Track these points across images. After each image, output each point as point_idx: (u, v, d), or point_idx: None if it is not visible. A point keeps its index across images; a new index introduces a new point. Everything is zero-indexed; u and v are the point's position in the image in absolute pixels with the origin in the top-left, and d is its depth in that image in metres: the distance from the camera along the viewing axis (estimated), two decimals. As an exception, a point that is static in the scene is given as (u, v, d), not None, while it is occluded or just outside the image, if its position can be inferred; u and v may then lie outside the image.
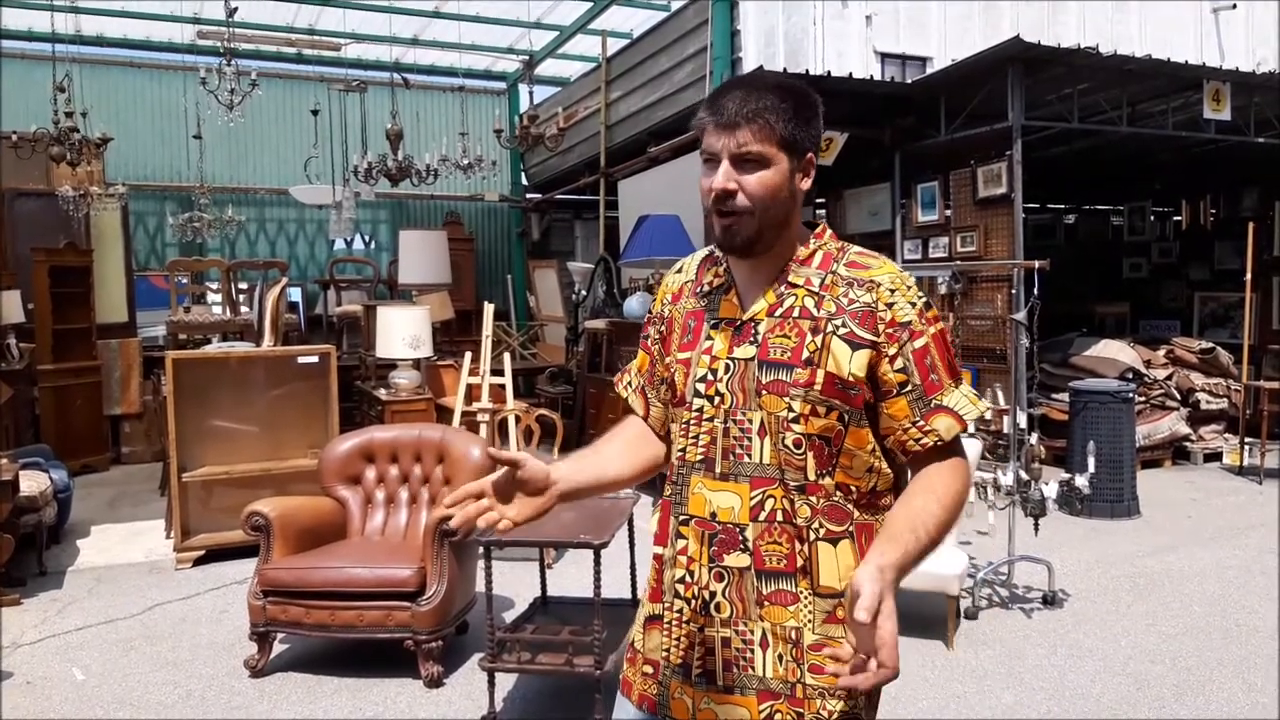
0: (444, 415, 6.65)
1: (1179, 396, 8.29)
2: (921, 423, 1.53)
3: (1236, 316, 9.63)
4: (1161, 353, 8.62)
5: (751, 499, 1.55)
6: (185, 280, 10.13)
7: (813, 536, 1.53)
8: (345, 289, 10.94)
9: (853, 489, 1.56)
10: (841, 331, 1.52)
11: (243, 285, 9.85)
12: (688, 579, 1.60)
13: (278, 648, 4.21)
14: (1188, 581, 5.06)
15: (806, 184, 1.58)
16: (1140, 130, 7.63)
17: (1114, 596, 4.83)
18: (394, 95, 8.22)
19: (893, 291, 1.54)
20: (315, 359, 6.01)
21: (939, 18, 8.77)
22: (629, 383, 1.84)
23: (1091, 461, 4.63)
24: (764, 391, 1.53)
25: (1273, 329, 9.42)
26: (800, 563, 1.53)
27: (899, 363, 1.52)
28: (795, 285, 1.57)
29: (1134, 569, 5.28)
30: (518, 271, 12.06)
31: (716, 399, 1.58)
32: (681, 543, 1.61)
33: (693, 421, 1.60)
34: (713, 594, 1.58)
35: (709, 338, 1.60)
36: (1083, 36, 8.62)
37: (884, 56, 8.61)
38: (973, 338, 7.78)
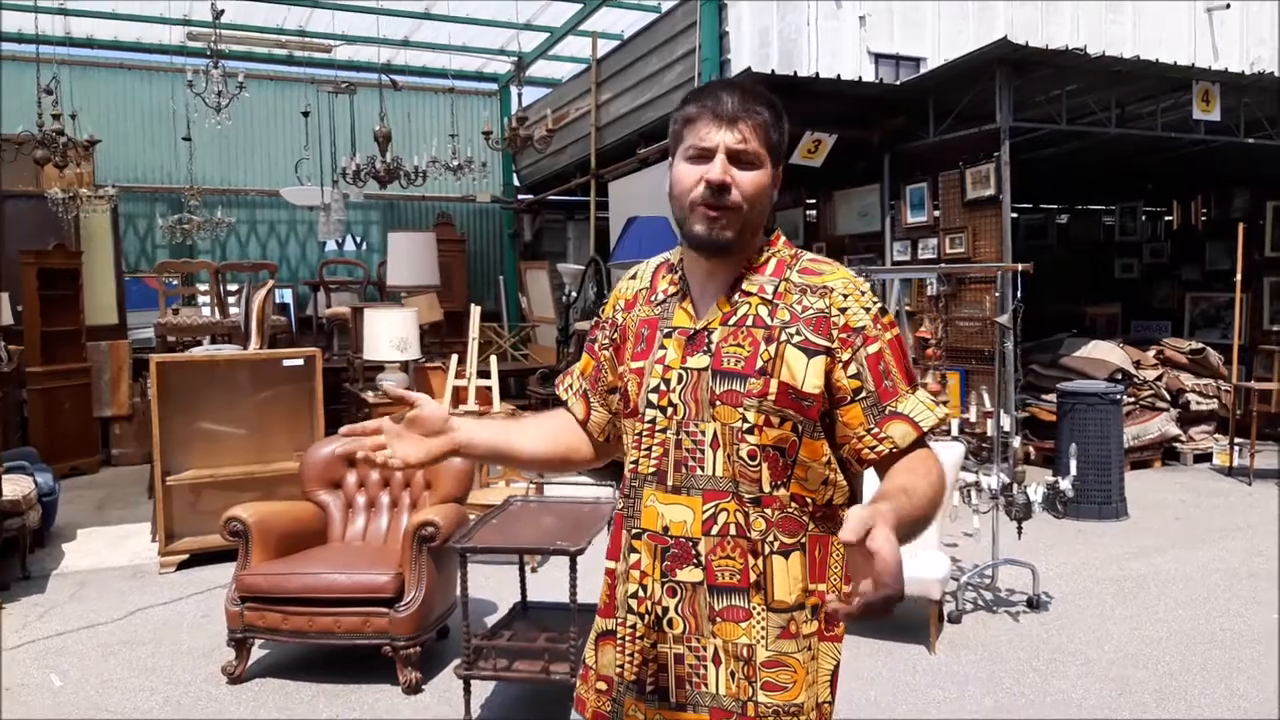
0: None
1: (1169, 397, 8.28)
2: (876, 430, 1.51)
3: (1227, 317, 9.63)
4: (1151, 353, 8.62)
5: (704, 512, 1.52)
6: (176, 282, 10.11)
7: (767, 550, 1.51)
8: (335, 291, 10.92)
9: (808, 501, 1.54)
10: (796, 339, 1.50)
11: (233, 287, 9.83)
12: (640, 594, 1.58)
13: (257, 653, 4.20)
14: (1173, 584, 5.05)
15: (776, 194, 1.59)
16: (1129, 131, 7.61)
17: (1099, 600, 4.82)
18: (381, 97, 8.20)
19: (845, 297, 1.52)
20: (301, 362, 5.98)
21: (933, 18, 8.76)
22: (570, 385, 1.80)
23: (1073, 464, 4.62)
24: (718, 402, 1.51)
25: (1263, 329, 9.42)
26: (754, 577, 1.51)
27: (852, 369, 1.50)
28: (749, 293, 1.55)
29: (1120, 572, 5.27)
30: (510, 273, 12.03)
31: (669, 410, 1.55)
32: (634, 557, 1.59)
33: (645, 433, 1.58)
34: (665, 610, 1.56)
35: (662, 347, 1.58)
36: (1076, 37, 8.61)
37: (878, 57, 8.59)
38: (961, 339, 7.77)
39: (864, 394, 1.51)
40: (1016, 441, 4.73)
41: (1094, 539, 5.94)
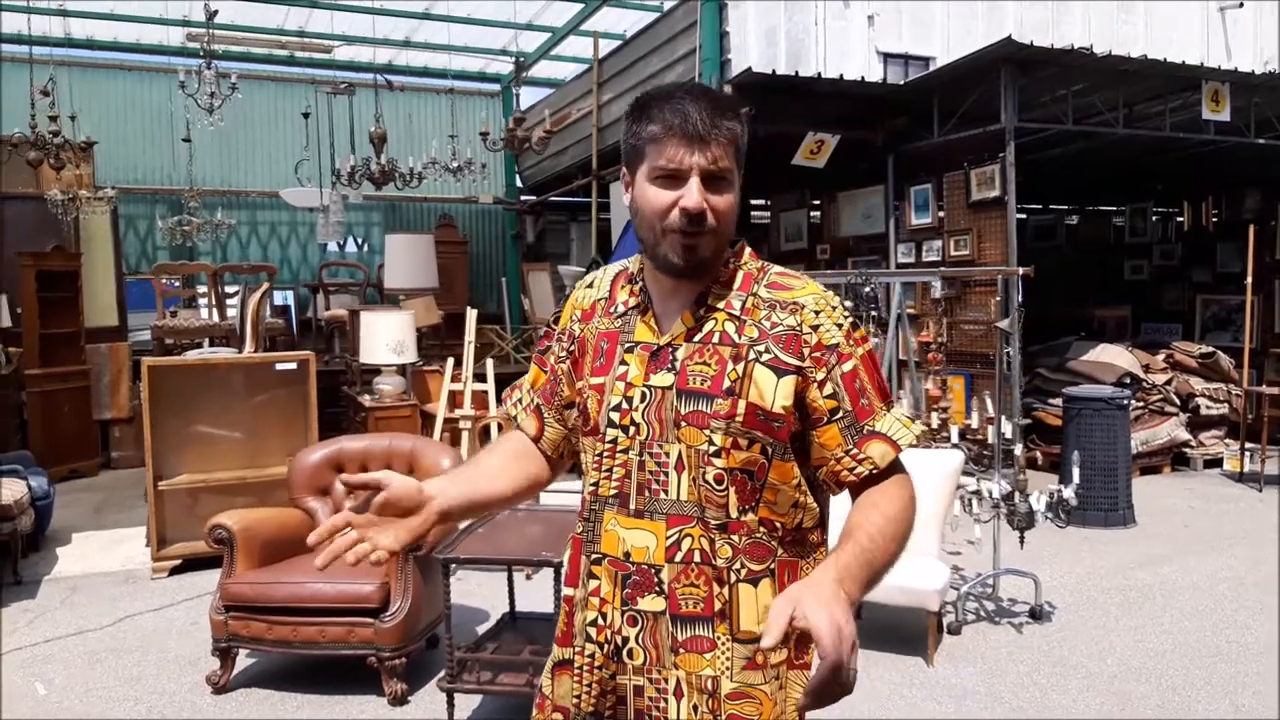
0: (430, 421, 6.58)
1: (1178, 401, 8.16)
2: (855, 450, 1.44)
3: (1239, 320, 9.49)
4: (1161, 357, 8.49)
5: (668, 538, 1.44)
6: (177, 284, 10.08)
7: (733, 578, 1.44)
8: (335, 293, 10.87)
9: (777, 525, 1.46)
10: (765, 358, 1.42)
11: (232, 289, 9.79)
12: (600, 622, 1.50)
13: (243, 663, 4.13)
14: (1180, 594, 4.95)
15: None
16: (1137, 131, 7.50)
17: (1103, 610, 4.72)
18: (377, 98, 8.15)
19: (817, 313, 1.44)
20: (294, 366, 5.92)
21: (942, 18, 8.64)
22: (519, 399, 1.71)
23: (1076, 472, 4.52)
24: (683, 423, 1.43)
25: (1275, 333, 9.28)
26: (719, 606, 1.44)
27: (828, 388, 1.43)
28: (715, 308, 1.47)
29: (1125, 581, 5.17)
30: (512, 274, 11.97)
31: (631, 429, 1.47)
32: (594, 583, 1.51)
33: (606, 453, 1.49)
34: (625, 639, 1.48)
35: (623, 363, 1.49)
36: (1088, 37, 8.48)
37: (887, 57, 8.48)
38: (965, 343, 7.68)
39: (841, 414, 1.44)
40: (1018, 448, 4.63)
41: (1100, 547, 5.84)
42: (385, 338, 6.41)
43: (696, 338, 1.46)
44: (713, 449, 1.42)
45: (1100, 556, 5.63)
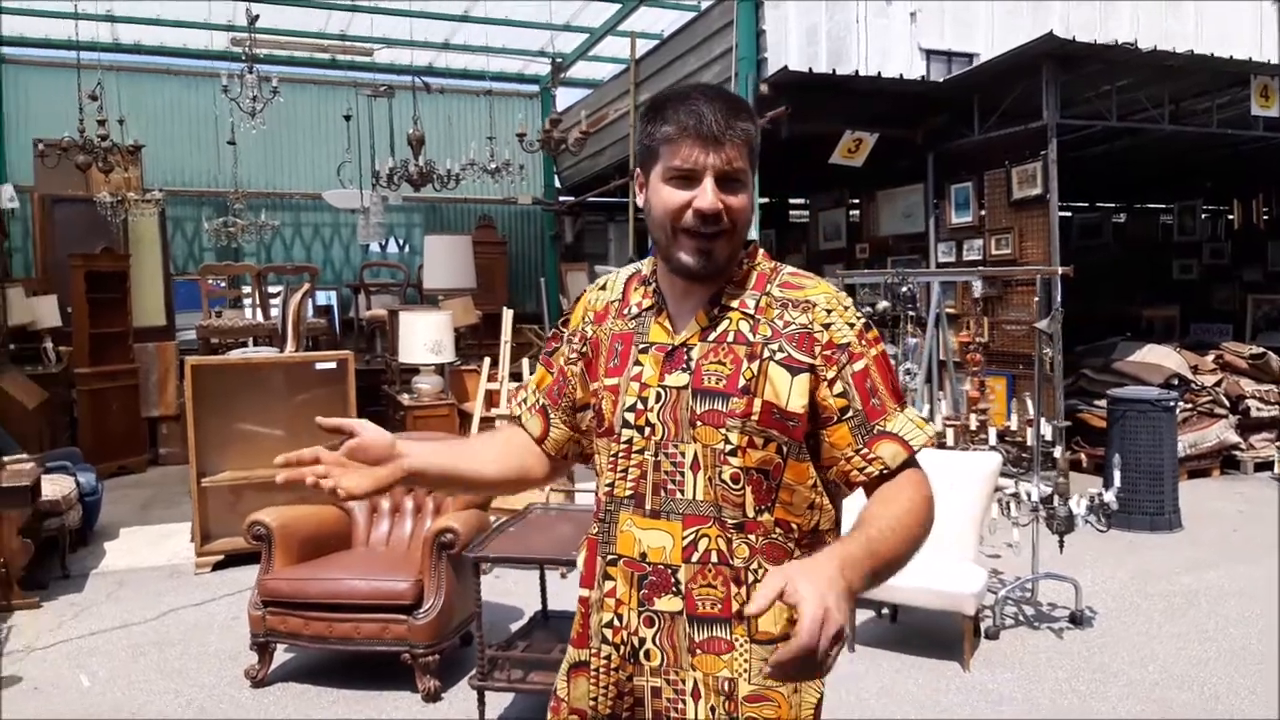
0: (467, 420, 6.63)
1: (1228, 403, 7.98)
2: (865, 450, 1.43)
3: (1291, 320, 9.28)
4: (1210, 358, 8.30)
5: (684, 538, 1.45)
6: (222, 284, 10.25)
7: (750, 579, 1.43)
8: (376, 293, 10.98)
9: (794, 526, 1.46)
10: (779, 356, 1.42)
11: (276, 289, 9.93)
12: (616, 623, 1.50)
13: (281, 657, 4.20)
14: (1226, 600, 4.84)
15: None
16: (1184, 128, 7.35)
17: (1146, 616, 4.63)
18: (415, 100, 8.22)
19: (829, 312, 1.44)
20: (334, 365, 5.99)
21: (986, 14, 8.53)
22: (525, 400, 1.71)
23: (1118, 475, 4.44)
24: (699, 422, 1.43)
25: (1328, 333, 9.05)
26: (736, 607, 1.43)
27: (838, 387, 1.42)
28: (729, 308, 1.47)
29: (1169, 586, 5.07)
30: (550, 274, 12.01)
31: (647, 430, 1.47)
32: (609, 584, 1.51)
33: (621, 454, 1.50)
34: (642, 640, 1.48)
35: (638, 363, 1.50)
36: (1136, 34, 8.34)
37: (929, 54, 8.39)
38: (1007, 343, 7.57)
39: (851, 413, 1.43)
40: (1058, 451, 4.56)
41: (1144, 551, 5.73)
42: (423, 337, 6.47)
43: (711, 337, 1.46)
44: (729, 448, 1.42)
45: (1144, 561, 5.53)
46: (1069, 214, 12.57)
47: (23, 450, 5.97)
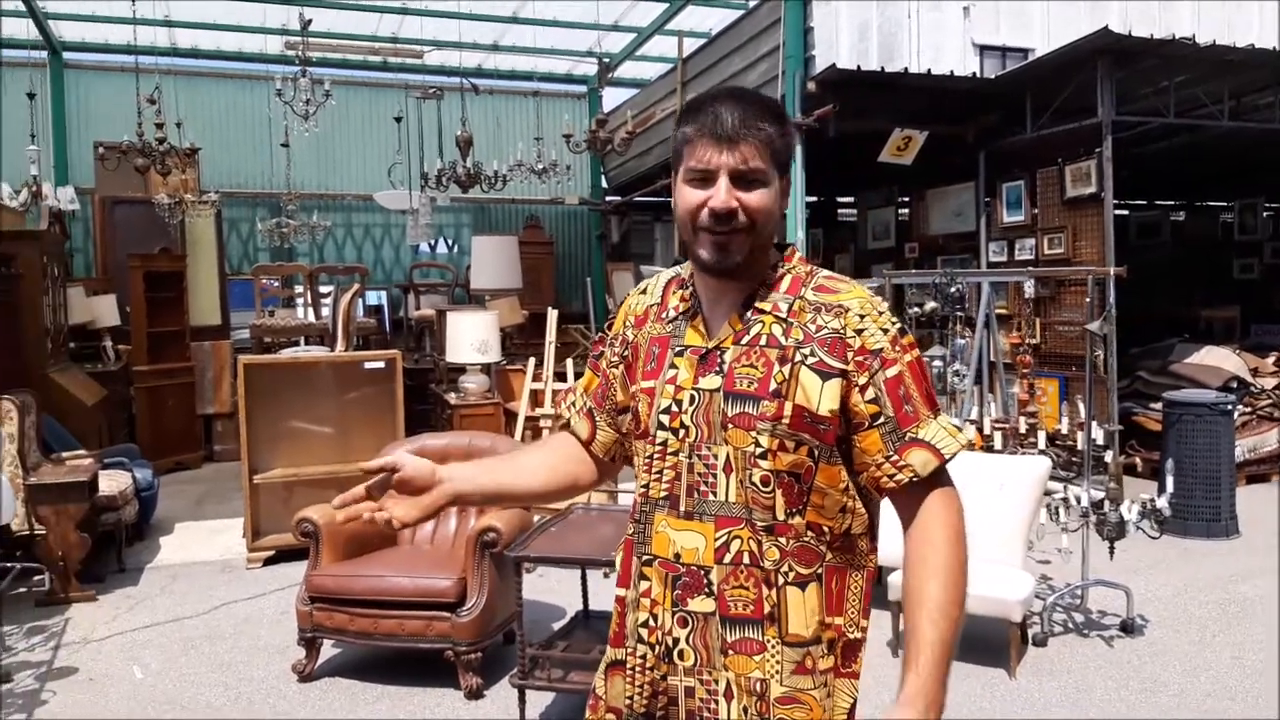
0: (513, 419, 6.67)
1: (1289, 407, 7.75)
2: (895, 458, 1.42)
3: (1358, 321, 8.99)
4: (1271, 360, 8.08)
5: (717, 539, 1.45)
6: (276, 284, 10.44)
7: (781, 581, 1.44)
8: (425, 293, 11.10)
9: (825, 530, 1.45)
10: (810, 361, 1.42)
11: (327, 289, 10.09)
12: (651, 623, 1.51)
13: (328, 652, 4.26)
14: (1285, 610, 4.70)
15: (785, 205, 1.51)
16: (1245, 124, 7.15)
17: (1199, 625, 4.52)
18: (464, 101, 8.29)
19: (862, 317, 1.43)
20: (382, 364, 6.07)
21: (1042, 9, 8.38)
22: (573, 403, 1.75)
23: (1170, 480, 4.34)
24: (730, 425, 1.44)
25: (1398, 335, 8.75)
26: (768, 609, 1.43)
27: (870, 393, 1.42)
28: (762, 311, 1.48)
29: (1225, 595, 4.94)
30: (597, 274, 12.05)
31: (681, 432, 1.49)
32: (644, 584, 1.52)
33: (656, 456, 1.51)
34: (676, 640, 1.49)
35: (673, 366, 1.51)
36: (1196, 30, 8.14)
37: (983, 49, 8.27)
38: (1060, 344, 7.43)
39: (882, 419, 1.42)
40: (1109, 455, 4.47)
41: (1199, 559, 5.59)
42: (470, 337, 6.52)
43: (744, 340, 1.47)
44: (759, 450, 1.42)
45: (1198, 568, 5.39)
46: (1125, 212, 12.30)
47: (82, 446, 6.14)
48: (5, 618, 4.68)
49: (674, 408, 1.49)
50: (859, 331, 1.42)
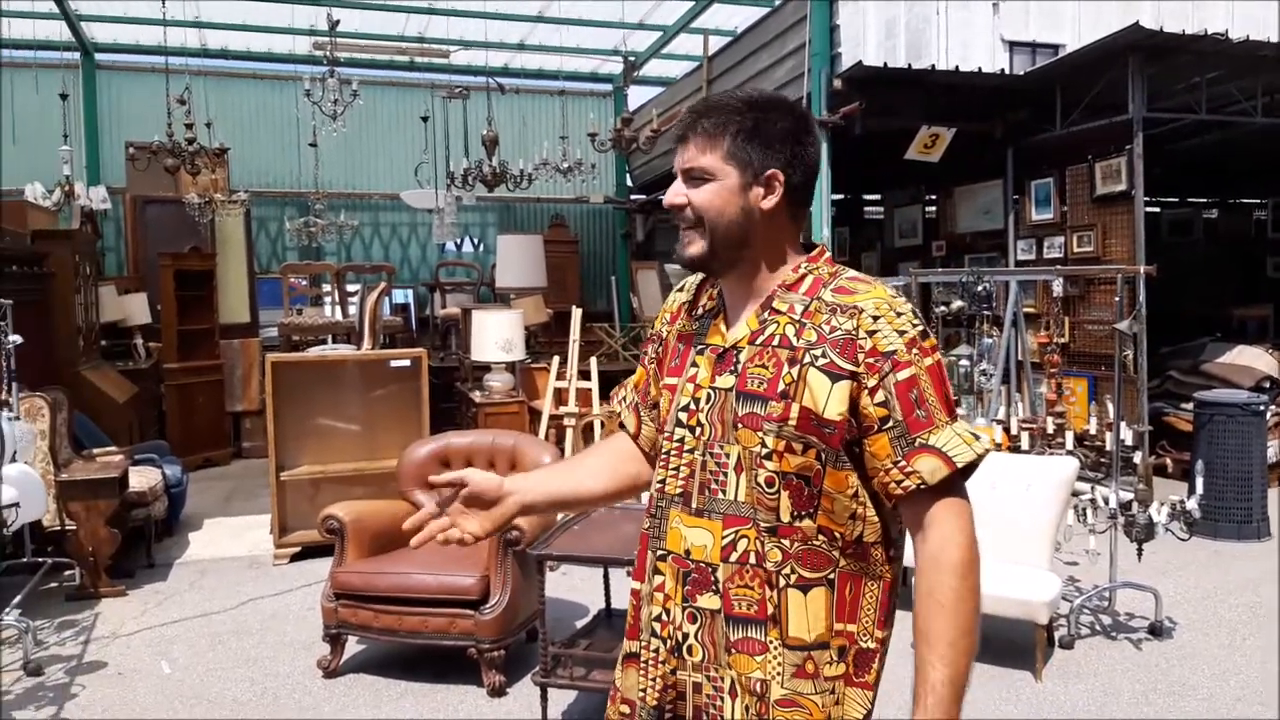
0: (537, 417, 6.69)
1: (1325, 408, 7.62)
2: (903, 463, 1.40)
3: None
4: (1306, 360, 7.95)
5: (724, 538, 1.46)
6: (304, 282, 10.53)
7: (783, 583, 1.43)
8: (452, 291, 11.15)
9: (837, 535, 1.44)
10: (820, 362, 1.41)
11: (354, 287, 10.16)
12: (664, 617, 1.53)
13: (353, 648, 4.29)
14: (1318, 614, 4.63)
15: (769, 202, 1.47)
16: (1278, 121, 7.03)
17: (1229, 628, 4.45)
18: (489, 100, 8.32)
19: (876, 318, 1.41)
20: (408, 362, 6.11)
21: (1073, 4, 8.28)
22: (624, 398, 1.79)
23: (1200, 482, 4.28)
24: (740, 425, 1.45)
25: None
26: (770, 610, 1.43)
27: (879, 395, 1.40)
28: (778, 312, 1.47)
29: (1255, 598, 4.86)
30: (621, 273, 12.06)
31: (697, 429, 1.50)
32: (658, 579, 1.54)
33: (673, 452, 1.53)
34: (685, 635, 1.50)
35: (694, 364, 1.53)
36: (1230, 25, 8.02)
37: (1013, 45, 8.19)
38: (1089, 344, 7.36)
39: (891, 424, 1.40)
40: (1138, 456, 4.41)
41: (1229, 561, 5.51)
42: (494, 335, 6.55)
43: (759, 340, 1.47)
44: (765, 451, 1.42)
45: (1229, 571, 5.32)
46: (1157, 210, 12.15)
47: (113, 443, 6.22)
48: (37, 612, 4.76)
49: (691, 405, 1.51)
50: (871, 333, 1.40)
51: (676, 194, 1.49)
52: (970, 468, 1.41)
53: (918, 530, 1.43)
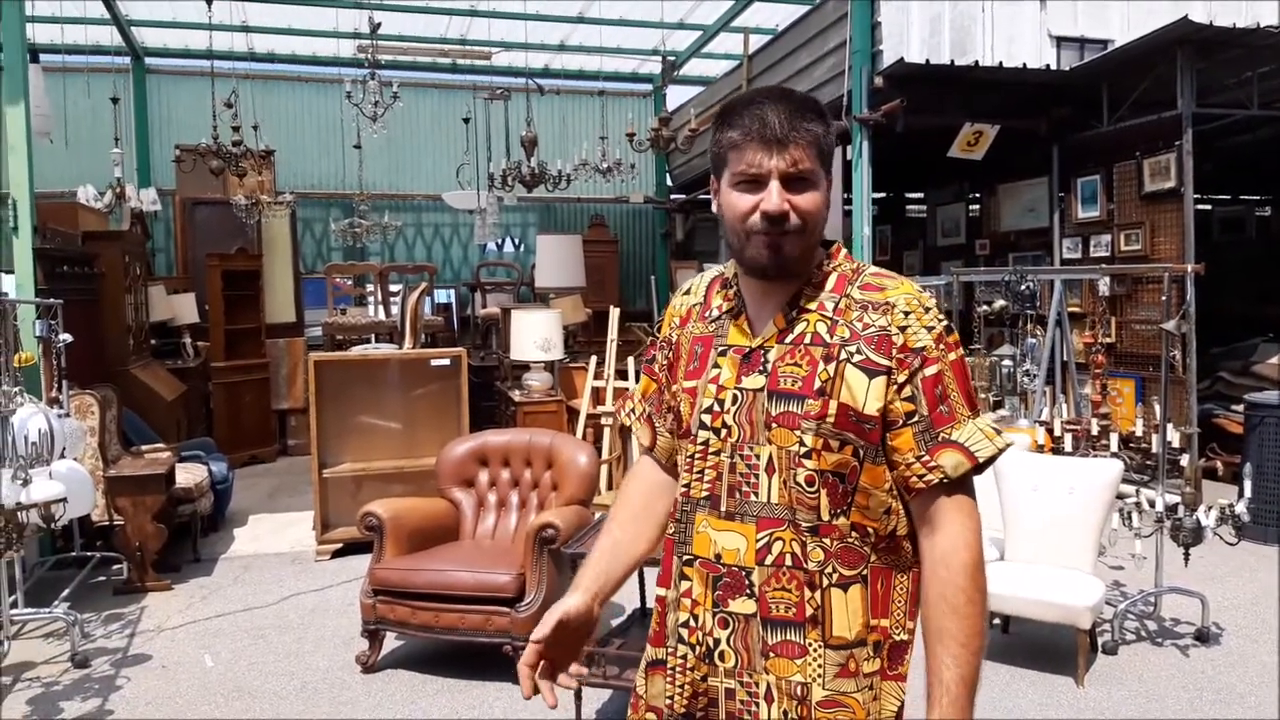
0: (576, 417, 6.71)
1: (1383, 410, 7.40)
2: (926, 458, 1.40)
3: None
4: (1363, 361, 7.74)
5: (758, 541, 1.44)
6: (348, 282, 10.66)
7: (825, 582, 1.42)
8: (492, 291, 11.23)
9: (870, 531, 1.43)
10: (857, 359, 1.41)
11: (397, 287, 10.26)
12: (691, 623, 1.51)
13: (391, 644, 4.33)
14: (1373, 622, 4.50)
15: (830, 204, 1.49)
16: (1334, 115, 6.86)
17: (1278, 635, 4.34)
18: (528, 101, 8.35)
19: (907, 314, 1.41)
20: (448, 362, 6.16)
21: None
22: (633, 409, 1.75)
23: (1249, 485, 4.18)
24: (774, 424, 1.43)
25: None
26: (810, 611, 1.42)
27: (907, 391, 1.40)
28: (807, 310, 1.47)
29: (1308, 605, 4.74)
30: (661, 272, 12.06)
31: (723, 431, 1.48)
32: (685, 584, 1.52)
33: (698, 455, 1.51)
34: (717, 641, 1.48)
35: (716, 366, 1.51)
36: (1286, 18, 7.83)
37: (1060, 40, 8.07)
38: (1136, 344, 7.22)
39: (916, 418, 1.40)
40: (1185, 459, 4.32)
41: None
42: (533, 335, 6.58)
43: (788, 339, 1.46)
44: (803, 450, 1.41)
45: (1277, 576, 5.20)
46: (1208, 207, 11.89)
47: (161, 440, 6.35)
48: (85, 605, 4.87)
49: (716, 407, 1.49)
50: (903, 329, 1.41)
51: (784, 201, 1.41)
52: (988, 462, 1.41)
53: (925, 525, 1.43)
